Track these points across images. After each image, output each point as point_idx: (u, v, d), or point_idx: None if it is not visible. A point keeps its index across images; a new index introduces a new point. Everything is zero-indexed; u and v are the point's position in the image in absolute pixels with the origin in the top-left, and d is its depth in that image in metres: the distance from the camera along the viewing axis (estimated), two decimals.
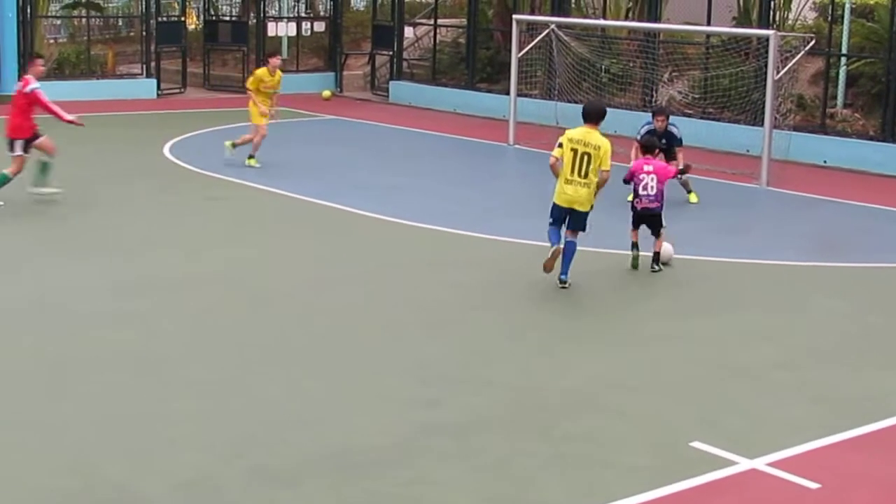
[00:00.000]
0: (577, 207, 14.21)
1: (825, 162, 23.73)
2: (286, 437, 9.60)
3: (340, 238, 16.89)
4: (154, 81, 32.22)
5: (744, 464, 9.21)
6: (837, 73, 26.05)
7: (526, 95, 27.20)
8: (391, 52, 34.00)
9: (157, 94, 31.99)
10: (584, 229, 14.42)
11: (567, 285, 14.22)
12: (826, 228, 18.29)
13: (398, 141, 25.98)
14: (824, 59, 25.89)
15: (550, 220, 14.35)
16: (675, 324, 13.18)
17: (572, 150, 14.13)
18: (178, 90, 33.06)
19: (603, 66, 27.42)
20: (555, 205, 14.34)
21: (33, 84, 17.58)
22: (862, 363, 11.97)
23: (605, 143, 14.14)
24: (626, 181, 15.71)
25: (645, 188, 15.42)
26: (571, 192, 14.16)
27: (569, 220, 14.31)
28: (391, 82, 33.78)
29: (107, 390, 10.56)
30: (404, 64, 34.18)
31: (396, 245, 16.59)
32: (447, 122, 28.76)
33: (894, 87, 24.10)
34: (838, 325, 13.37)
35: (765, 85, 21.88)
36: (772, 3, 26.43)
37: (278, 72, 21.71)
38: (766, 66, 21.96)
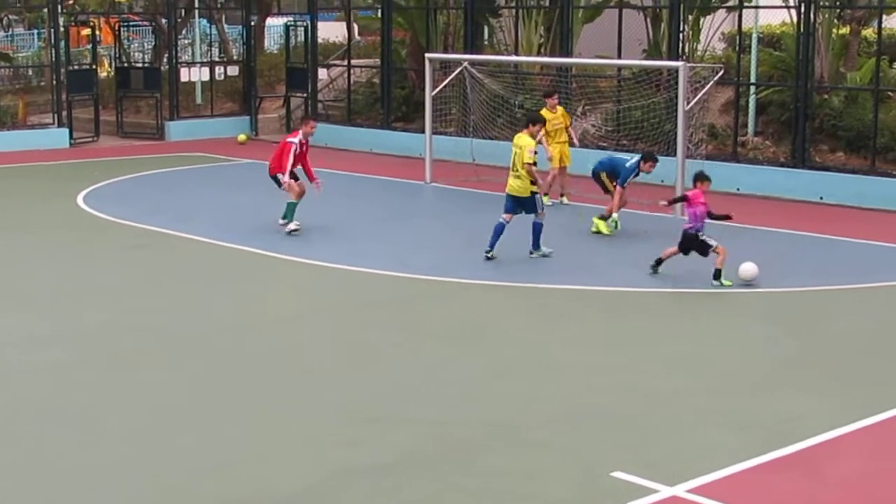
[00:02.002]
0: (515, 194, 17.75)
1: (738, 189, 24.01)
2: (202, 485, 9.53)
3: (260, 282, 16.84)
4: (66, 131, 31.92)
5: (665, 492, 9.27)
6: (747, 102, 26.42)
7: (441, 133, 27.30)
8: (306, 94, 34.00)
9: (70, 144, 31.71)
10: (535, 211, 17.73)
11: (536, 255, 17.75)
12: (740, 255, 18.46)
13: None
14: (734, 88, 26.26)
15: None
16: (594, 354, 13.25)
17: (513, 150, 17.77)
18: (91, 139, 32.79)
19: (517, 102, 27.58)
20: (506, 195, 17.94)
21: None
22: (779, 387, 12.11)
23: (526, 142, 17.60)
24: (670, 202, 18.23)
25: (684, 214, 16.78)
26: (510, 183, 17.82)
27: (523, 207, 17.79)
28: None
29: (24, 442, 10.42)
30: (319, 105, 34.19)
31: (316, 287, 16.57)
32: (364, 162, 28.77)
33: (803, 114, 24.47)
34: (756, 350, 13.50)
35: (676, 115, 22.12)
36: (681, 35, 26.75)
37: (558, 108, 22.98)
38: (676, 96, 22.21)
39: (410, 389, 11.99)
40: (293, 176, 19.67)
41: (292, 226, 19.45)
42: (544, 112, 22.43)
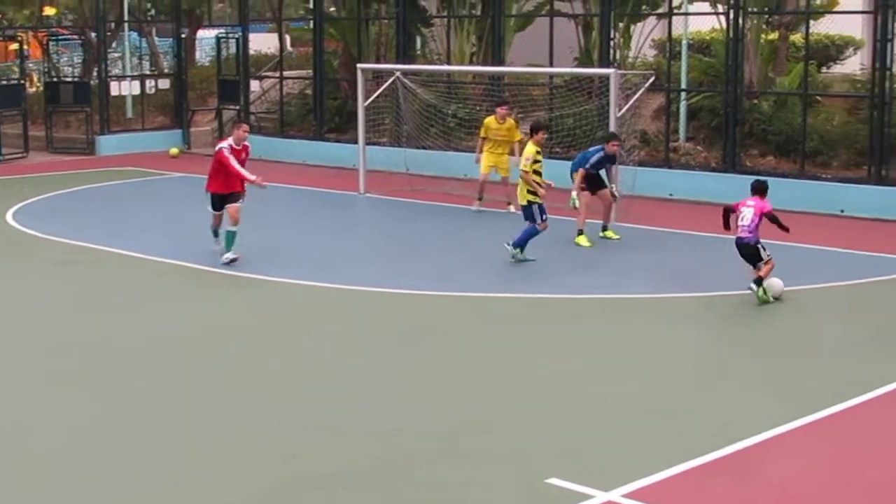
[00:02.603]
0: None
1: (671, 195, 24.16)
2: (146, 502, 9.43)
3: (194, 297, 16.71)
4: None
5: (599, 497, 9.28)
6: (678, 108, 26.60)
7: (375, 143, 27.24)
8: (238, 107, 33.84)
9: (0, 159, 31.37)
10: (531, 219, 18.03)
11: (510, 250, 17.95)
12: (676, 260, 18.57)
13: (249, 195, 25.85)
14: (665, 94, 26.43)
15: None
16: (533, 361, 13.26)
17: None
18: (20, 154, 32.42)
19: (450, 111, 27.61)
20: None
21: None
22: (714, 390, 12.19)
23: (527, 151, 18.16)
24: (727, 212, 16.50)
25: (742, 220, 16.09)
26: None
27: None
28: None
29: None
30: (252, 117, 34.03)
31: (253, 300, 16.47)
32: (297, 174, 28.66)
33: (733, 119, 24.67)
34: (690, 355, 13.56)
35: (608, 122, 22.22)
36: (612, 43, 26.88)
37: (508, 119, 22.68)
38: (608, 103, 22.31)
39: (352, 400, 11.93)
40: (218, 207, 18.76)
41: (230, 255, 18.19)
42: (489, 120, 22.51)
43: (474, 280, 17.17)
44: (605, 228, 20.29)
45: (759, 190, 16.38)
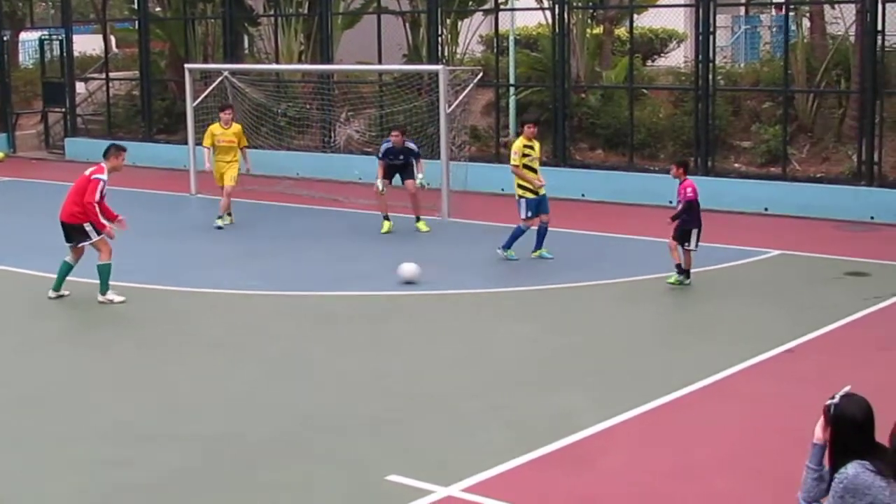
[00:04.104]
0: None
1: (503, 190, 24.34)
2: None
3: (11, 302, 16.33)
4: None
5: (440, 492, 9.34)
6: (507, 103, 26.86)
7: None
8: (64, 109, 33.21)
9: None
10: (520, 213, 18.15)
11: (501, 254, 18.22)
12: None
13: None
14: (494, 90, 26.67)
15: None
16: (366, 358, 13.27)
17: None
18: None
19: (280, 110, 27.49)
20: None
21: None
22: (548, 383, 12.33)
23: (514, 145, 18.26)
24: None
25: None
26: None
27: None
28: (66, 139, 33.01)
29: None
30: (79, 120, 33.45)
31: (75, 305, 16.14)
32: (127, 176, 28.09)
33: (562, 113, 25.00)
34: (524, 349, 13.71)
35: (439, 119, 22.35)
36: (440, 39, 27.04)
37: (234, 124, 21.86)
38: (438, 100, 22.45)
39: (180, 405, 11.80)
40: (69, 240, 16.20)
41: (116, 297, 15.91)
42: (214, 126, 22.08)
43: (306, 280, 17.13)
44: (418, 220, 20.58)
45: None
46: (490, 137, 26.36)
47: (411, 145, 20.99)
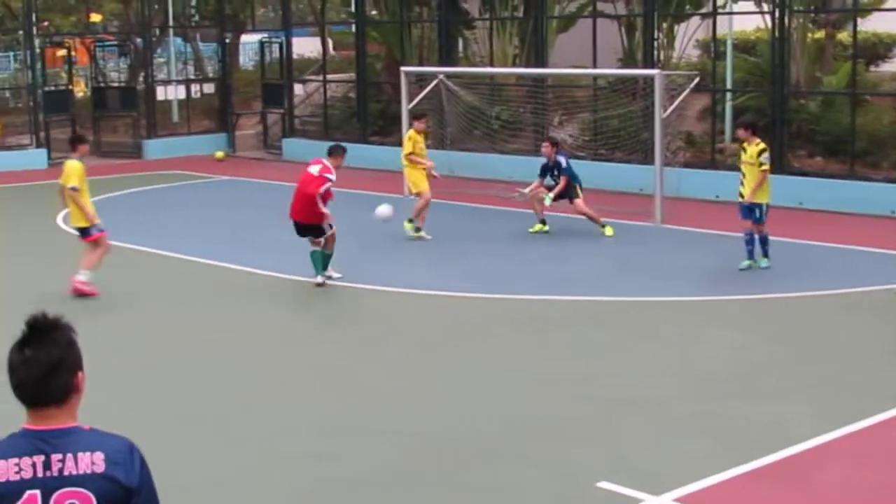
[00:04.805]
0: None
1: (717, 196, 23.99)
2: None
3: (238, 300, 16.70)
4: (44, 151, 31.83)
5: (650, 501, 9.21)
6: (723, 109, 26.45)
7: None
8: (282, 110, 33.95)
9: (48, 164, 31.54)
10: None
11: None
12: (721, 262, 18.44)
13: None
14: (710, 95, 26.29)
15: None
16: (576, 363, 13.18)
17: None
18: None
19: (493, 114, 27.57)
20: None
21: None
22: (761, 394, 12.04)
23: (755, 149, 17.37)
24: None
25: None
26: None
27: None
28: (284, 140, 33.72)
29: None
30: (296, 121, 34.14)
31: (300, 304, 16.45)
32: (341, 177, 28.49)
33: (780, 119, 24.48)
34: (736, 357, 13.42)
35: (653, 124, 22.12)
36: (656, 43, 26.77)
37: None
38: (653, 104, 22.21)
39: (390, 402, 11.89)
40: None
41: (335, 273, 17.04)
42: (416, 135, 21.22)
43: (511, 282, 17.12)
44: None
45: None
46: (705, 143, 25.98)
47: (561, 159, 20.49)
